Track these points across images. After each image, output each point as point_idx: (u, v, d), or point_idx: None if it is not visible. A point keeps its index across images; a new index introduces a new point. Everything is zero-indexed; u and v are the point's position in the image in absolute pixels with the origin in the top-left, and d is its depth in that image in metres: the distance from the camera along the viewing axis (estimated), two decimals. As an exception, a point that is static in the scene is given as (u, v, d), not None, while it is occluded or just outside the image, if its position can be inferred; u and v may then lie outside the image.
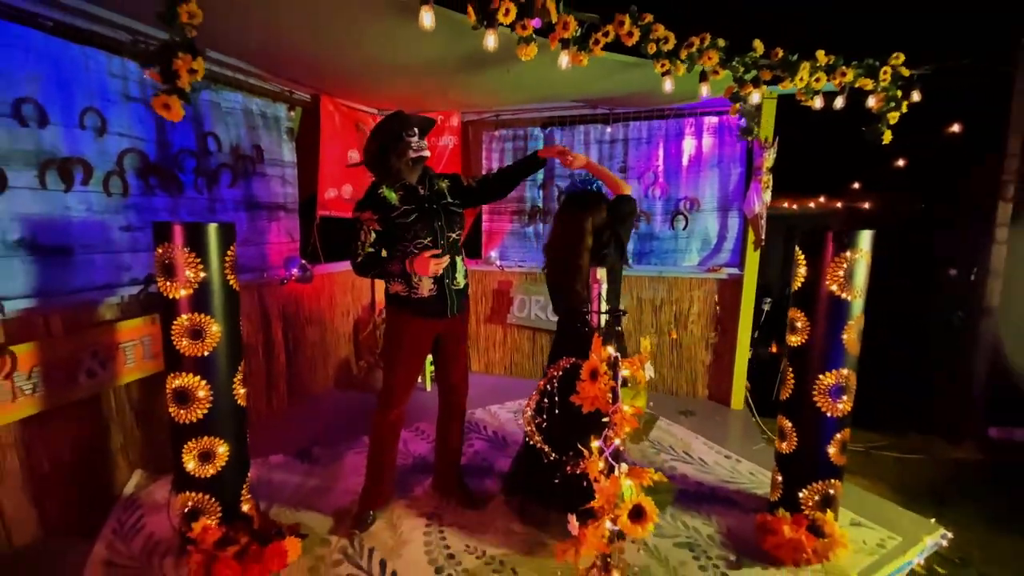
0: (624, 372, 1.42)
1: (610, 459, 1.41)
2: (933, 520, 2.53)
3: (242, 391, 2.14)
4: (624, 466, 1.43)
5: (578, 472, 1.44)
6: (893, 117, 2.51)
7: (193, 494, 2.06)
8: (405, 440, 3.11)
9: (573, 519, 1.37)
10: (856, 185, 9.88)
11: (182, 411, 2.01)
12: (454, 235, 2.19)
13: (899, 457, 3.61)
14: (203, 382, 1.99)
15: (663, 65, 2.03)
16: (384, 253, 2.18)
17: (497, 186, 2.32)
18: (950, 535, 2.48)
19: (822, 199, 10.25)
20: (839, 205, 7.98)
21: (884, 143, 2.59)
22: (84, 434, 2.38)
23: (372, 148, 2.14)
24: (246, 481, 2.20)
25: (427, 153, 2.13)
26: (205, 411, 2.01)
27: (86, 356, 2.28)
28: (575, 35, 1.83)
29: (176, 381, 2.00)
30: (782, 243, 5.88)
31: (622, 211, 2.17)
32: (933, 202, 5.60)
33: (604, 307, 1.46)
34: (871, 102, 2.50)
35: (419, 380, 4.12)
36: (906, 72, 2.44)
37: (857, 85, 2.40)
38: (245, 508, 2.17)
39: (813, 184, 10.06)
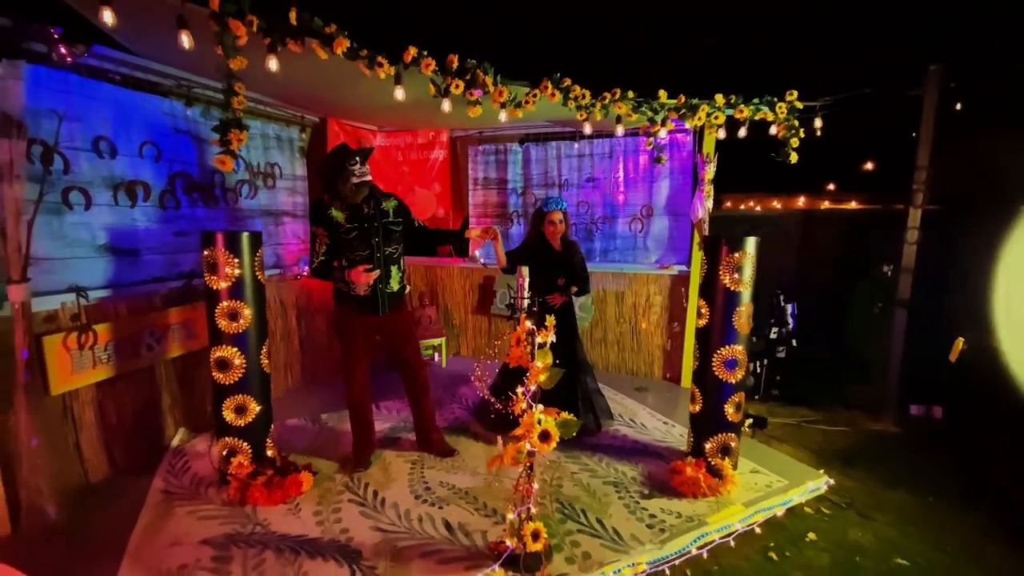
0: (540, 338, 2.02)
1: (529, 399, 2.00)
2: (822, 471, 3.11)
3: (267, 361, 2.76)
4: (539, 406, 2.03)
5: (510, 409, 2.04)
6: (795, 142, 3.07)
7: (230, 439, 2.68)
8: (398, 408, 3.73)
9: (500, 439, 1.97)
10: (831, 186, 10.41)
11: (222, 375, 2.63)
12: (390, 249, 2.72)
13: (824, 429, 4.17)
14: (238, 353, 2.61)
15: (581, 115, 2.62)
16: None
17: (417, 238, 2.87)
18: (831, 481, 3.06)
19: (802, 200, 10.81)
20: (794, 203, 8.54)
21: (792, 162, 3.15)
22: (142, 396, 3.02)
23: (322, 176, 2.70)
24: (270, 432, 2.83)
25: (368, 178, 2.64)
26: (240, 375, 2.63)
27: (145, 334, 2.92)
28: (509, 99, 2.42)
29: (218, 352, 2.62)
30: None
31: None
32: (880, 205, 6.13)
33: (527, 295, 2.05)
34: (773, 130, 3.07)
35: (434, 357, 4.71)
36: (800, 105, 3.00)
37: (758, 118, 2.97)
38: (269, 452, 2.80)
39: (794, 185, 10.64)
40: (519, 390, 2.02)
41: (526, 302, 2.06)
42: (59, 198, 2.54)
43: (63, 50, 2.38)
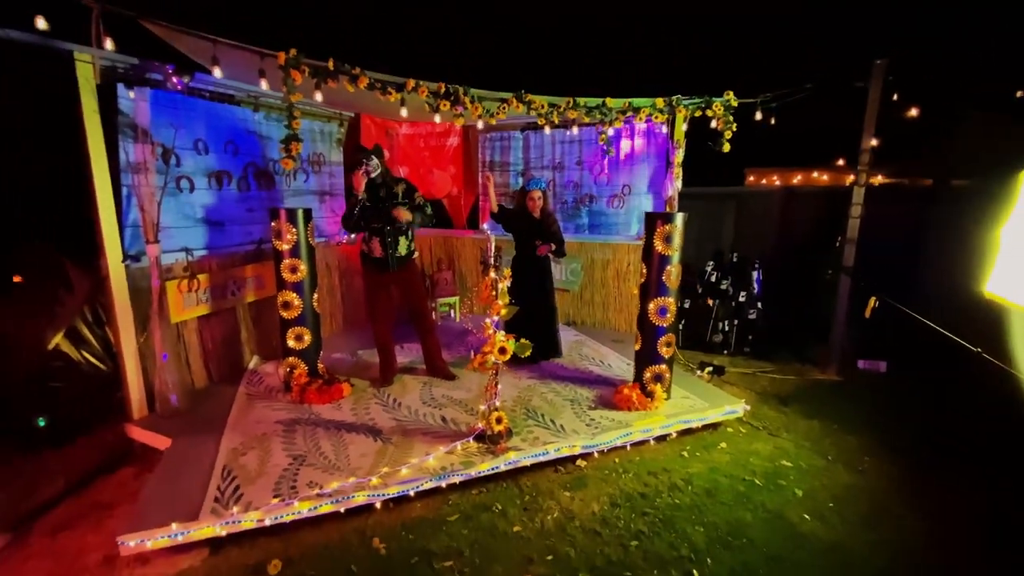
0: (500, 285, 2.90)
1: (494, 326, 2.91)
2: (742, 400, 3.88)
3: (317, 304, 3.76)
4: (502, 332, 2.93)
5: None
6: (728, 134, 3.75)
7: (292, 359, 3.72)
8: (417, 350, 4.71)
9: (472, 352, 2.89)
10: (841, 161, 10.62)
11: (285, 312, 3.65)
12: (399, 223, 3.63)
13: (774, 377, 4.90)
14: (297, 296, 3.62)
15: (541, 120, 3.41)
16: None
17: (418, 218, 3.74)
18: (748, 407, 3.84)
19: (815, 173, 11.06)
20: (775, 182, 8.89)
21: (726, 151, 3.84)
22: (228, 329, 4.11)
23: (347, 169, 3.65)
24: (319, 356, 3.85)
25: (379, 169, 3.59)
26: (298, 313, 3.64)
27: (230, 283, 3.99)
28: (483, 112, 3.24)
29: (283, 296, 3.64)
30: (733, 216, 7.01)
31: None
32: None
33: (493, 254, 2.93)
34: (713, 124, 3.76)
35: (450, 312, 5.67)
36: (735, 103, 3.68)
37: (697, 114, 3.67)
38: (320, 369, 3.83)
39: (804, 159, 10.91)
40: (486, 320, 2.93)
41: (492, 259, 2.94)
42: (174, 184, 3.58)
43: (174, 79, 3.36)
